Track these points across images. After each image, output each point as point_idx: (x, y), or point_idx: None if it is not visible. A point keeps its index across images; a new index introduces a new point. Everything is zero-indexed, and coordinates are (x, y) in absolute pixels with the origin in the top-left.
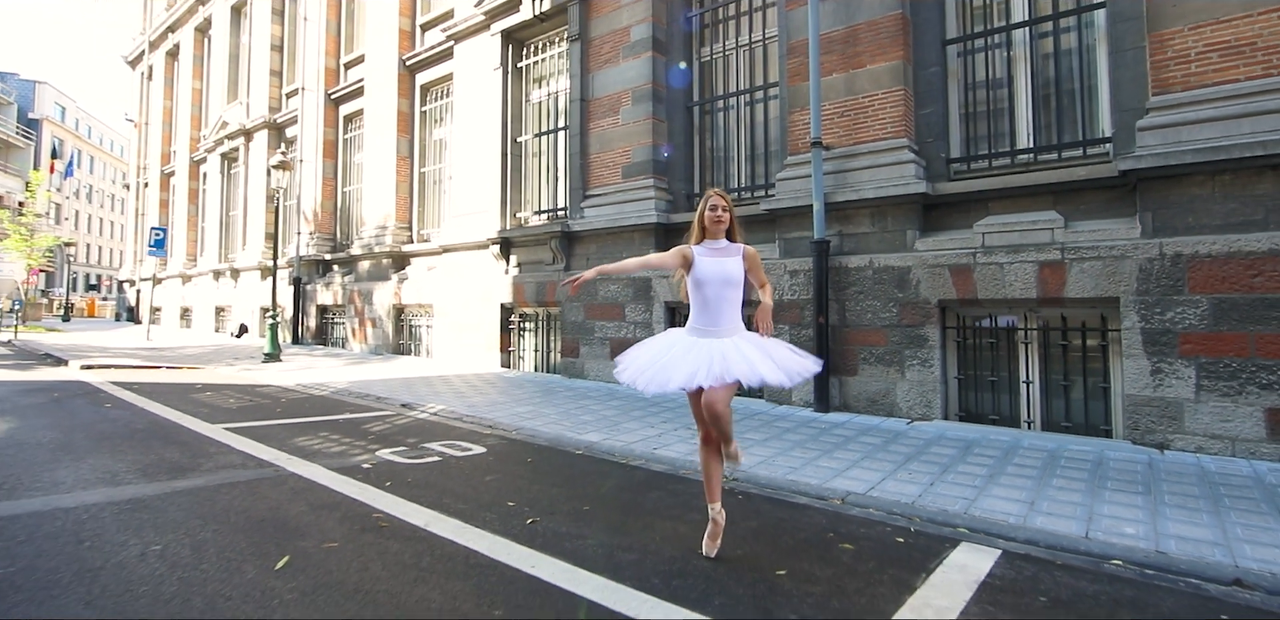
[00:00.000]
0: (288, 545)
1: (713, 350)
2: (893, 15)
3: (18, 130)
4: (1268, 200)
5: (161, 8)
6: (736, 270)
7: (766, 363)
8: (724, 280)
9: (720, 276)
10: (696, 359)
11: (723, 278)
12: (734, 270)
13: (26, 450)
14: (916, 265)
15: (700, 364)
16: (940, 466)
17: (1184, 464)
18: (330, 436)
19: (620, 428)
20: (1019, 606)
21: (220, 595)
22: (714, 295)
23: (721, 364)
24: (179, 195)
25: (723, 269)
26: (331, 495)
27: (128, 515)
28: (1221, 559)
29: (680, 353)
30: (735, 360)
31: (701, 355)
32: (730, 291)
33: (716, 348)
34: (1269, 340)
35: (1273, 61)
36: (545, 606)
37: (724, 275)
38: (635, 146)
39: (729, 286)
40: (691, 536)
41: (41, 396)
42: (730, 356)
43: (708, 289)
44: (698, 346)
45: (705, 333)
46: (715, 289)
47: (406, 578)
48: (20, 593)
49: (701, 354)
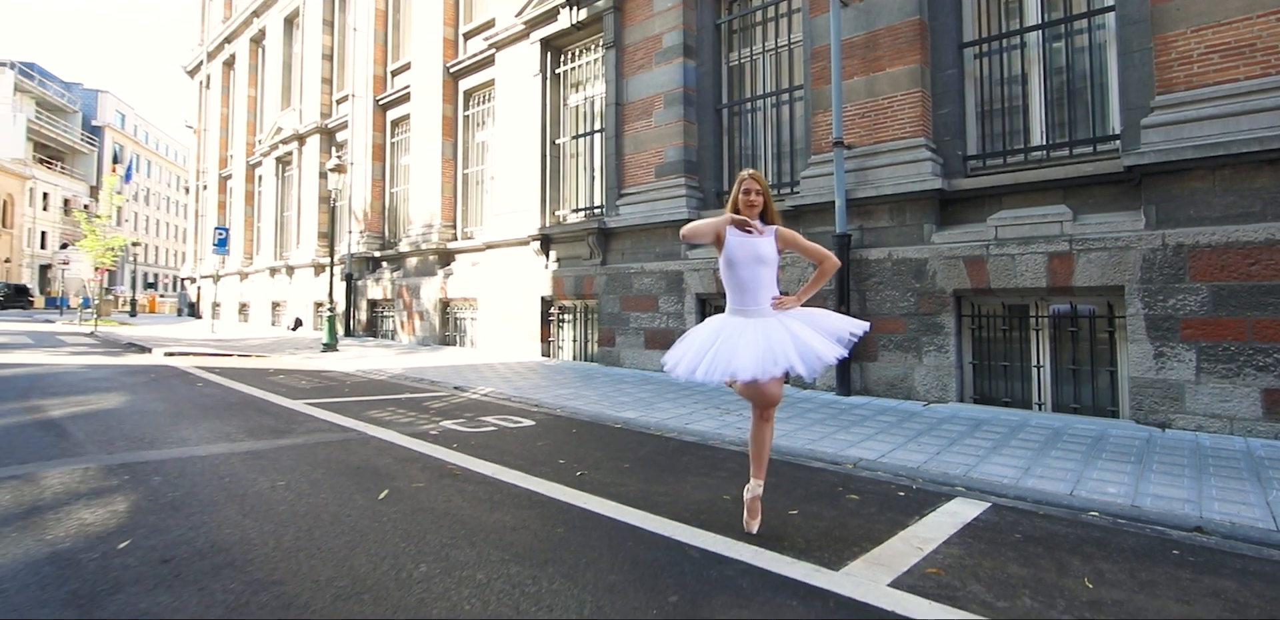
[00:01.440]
0: (383, 484)
1: (770, 339)
2: (911, 21)
3: (82, 137)
4: (1264, 193)
5: (218, 20)
6: (768, 249)
7: (821, 343)
8: (756, 259)
9: (752, 256)
10: (756, 347)
11: (754, 257)
12: (766, 250)
13: (149, 417)
14: (933, 257)
15: (762, 355)
16: (948, 440)
17: (1181, 440)
18: (397, 411)
19: (654, 407)
20: (994, 540)
21: (341, 513)
22: (748, 275)
23: (785, 357)
24: (236, 197)
25: (754, 249)
26: (409, 452)
27: (249, 461)
28: (1189, 512)
29: (734, 338)
30: (793, 351)
31: (759, 343)
32: (764, 270)
33: (772, 335)
34: (1265, 325)
35: (1270, 61)
36: (596, 527)
37: (755, 255)
38: (668, 147)
39: (762, 265)
40: (717, 486)
41: (142, 377)
42: (787, 347)
43: (740, 269)
44: (748, 330)
45: (745, 313)
46: (749, 269)
47: (483, 507)
48: (192, 507)
49: (759, 341)
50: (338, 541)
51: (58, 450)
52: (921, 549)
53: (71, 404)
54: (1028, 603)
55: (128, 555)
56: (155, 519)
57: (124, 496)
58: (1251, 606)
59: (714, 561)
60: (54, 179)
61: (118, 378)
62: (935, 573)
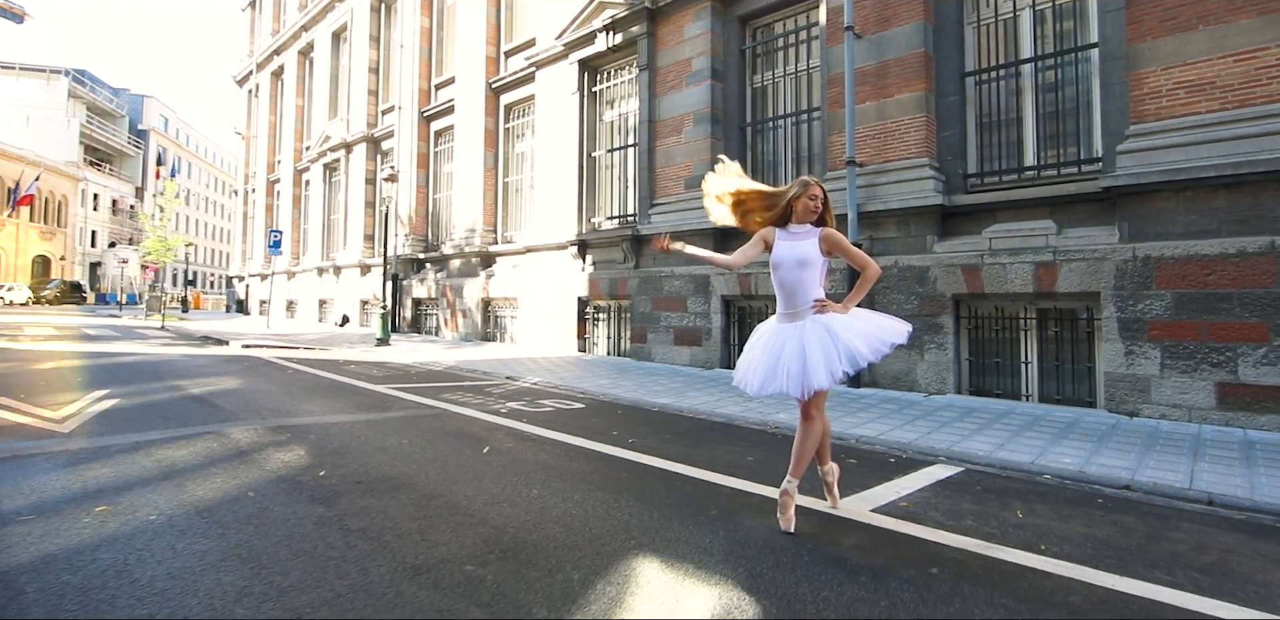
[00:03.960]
0: (482, 444)
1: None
2: (917, 52)
3: (129, 140)
4: (1220, 213)
5: (267, 33)
6: (811, 251)
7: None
8: (798, 261)
9: (794, 258)
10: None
11: (797, 259)
12: (809, 251)
13: (270, 395)
14: (934, 265)
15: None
16: (940, 423)
17: (1144, 426)
18: (465, 395)
19: (685, 396)
20: (958, 489)
21: (461, 460)
22: (790, 277)
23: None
24: (283, 200)
25: (797, 251)
26: (490, 423)
27: (370, 427)
28: (1124, 475)
29: (766, 350)
30: (818, 366)
31: (792, 354)
32: (806, 272)
33: (799, 347)
34: (1219, 327)
35: (1227, 98)
36: (652, 473)
37: (798, 257)
38: (696, 162)
39: (804, 267)
40: (742, 452)
41: (239, 365)
42: (813, 361)
43: (783, 271)
44: (782, 340)
45: (787, 317)
46: (791, 272)
47: (563, 459)
48: (351, 454)
49: (791, 352)
50: (468, 476)
51: (221, 416)
52: (899, 492)
53: (201, 385)
54: (969, 522)
55: (330, 479)
56: (331, 460)
57: (297, 446)
58: (1137, 531)
59: (740, 494)
60: (103, 180)
61: (219, 365)
62: (906, 505)
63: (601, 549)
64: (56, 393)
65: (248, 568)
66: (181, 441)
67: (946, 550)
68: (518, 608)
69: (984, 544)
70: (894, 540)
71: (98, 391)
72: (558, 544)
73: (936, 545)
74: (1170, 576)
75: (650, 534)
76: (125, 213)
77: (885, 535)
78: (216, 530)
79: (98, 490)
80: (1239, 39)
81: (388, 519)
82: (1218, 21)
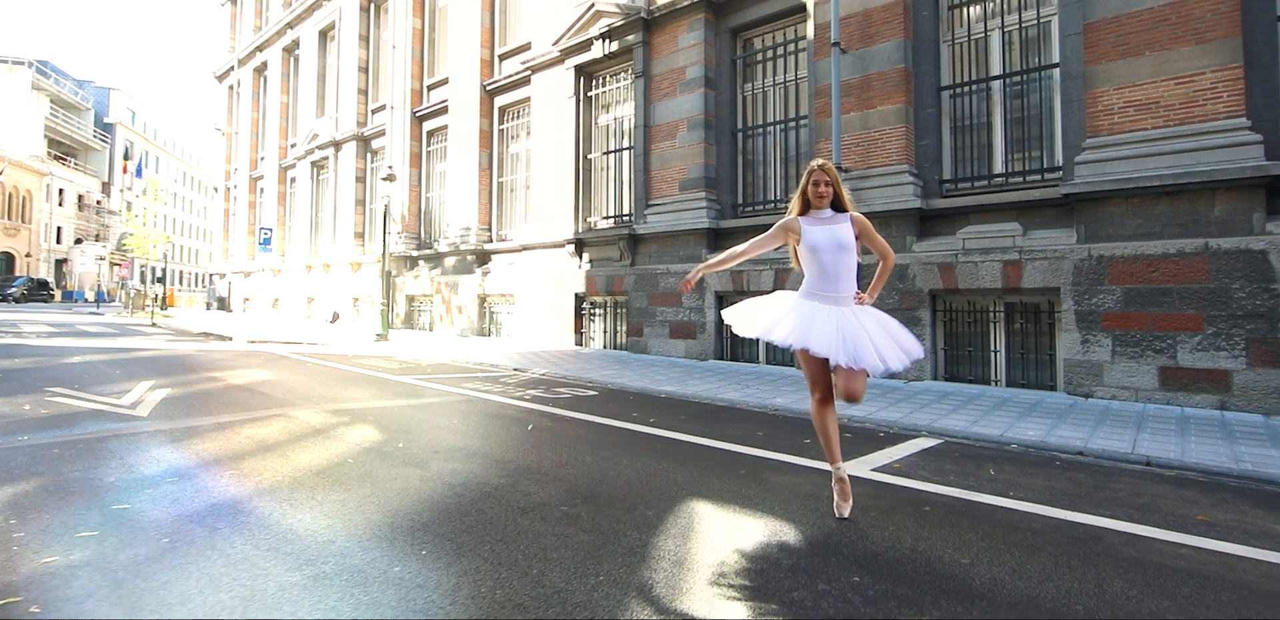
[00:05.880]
0: (522, 423)
1: (844, 327)
2: (898, 68)
3: (95, 134)
4: (1163, 218)
5: (249, 29)
6: (847, 235)
7: (891, 349)
8: (838, 246)
9: (833, 242)
10: (830, 329)
11: (836, 243)
12: (845, 236)
13: (305, 384)
14: (913, 263)
15: (835, 338)
16: (920, 405)
17: (1097, 405)
18: (484, 384)
19: (687, 384)
20: (940, 456)
21: (511, 435)
22: (830, 261)
23: (853, 348)
24: (267, 197)
25: (834, 235)
26: (521, 407)
27: (417, 411)
28: (1078, 444)
29: (809, 315)
30: (865, 348)
31: (834, 327)
32: (846, 256)
33: (847, 324)
34: (1161, 318)
35: (1169, 116)
36: (680, 445)
37: (836, 241)
38: (690, 165)
39: (844, 251)
40: (751, 429)
41: (256, 359)
42: (861, 341)
43: (824, 255)
44: (824, 314)
45: (825, 298)
46: (831, 255)
47: (600, 434)
48: (414, 431)
49: (834, 325)
50: (525, 446)
51: (277, 402)
52: (892, 457)
53: (236, 376)
54: (951, 478)
55: (410, 449)
56: (400, 435)
57: (363, 425)
58: (1087, 483)
59: (760, 459)
60: (69, 175)
61: (239, 359)
62: (899, 467)
63: (661, 496)
64: (104, 384)
65: (385, 511)
66: (258, 422)
67: (935, 496)
68: (614, 533)
69: (964, 491)
70: (893, 490)
71: (143, 382)
72: (625, 493)
73: (927, 493)
74: (1110, 512)
75: (696, 486)
76: (92, 208)
77: (885, 486)
78: (340, 486)
79: (214, 460)
80: (1180, 64)
81: (477, 477)
82: (1162, 48)
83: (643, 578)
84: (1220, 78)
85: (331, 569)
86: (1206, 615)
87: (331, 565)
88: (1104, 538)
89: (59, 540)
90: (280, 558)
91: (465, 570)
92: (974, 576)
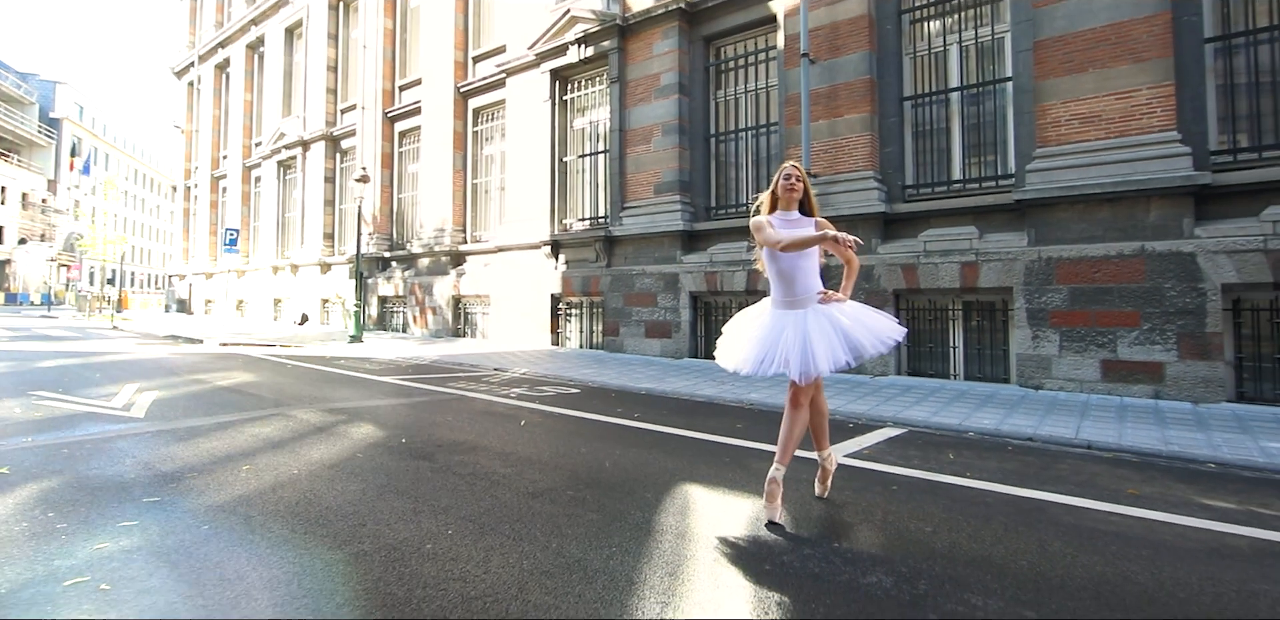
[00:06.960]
0: (514, 419)
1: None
2: (864, 78)
3: (40, 129)
4: (1104, 223)
5: (210, 24)
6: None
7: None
8: (798, 250)
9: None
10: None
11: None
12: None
13: (293, 386)
14: (879, 264)
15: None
16: (885, 398)
17: (1045, 396)
18: (468, 383)
19: (665, 381)
20: (905, 443)
21: (507, 431)
22: (789, 266)
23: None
24: (231, 197)
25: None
26: (510, 405)
27: (410, 409)
28: (1029, 431)
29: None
30: (820, 352)
31: (792, 340)
32: (804, 260)
33: (801, 333)
34: (1103, 315)
35: (1110, 129)
36: (668, 437)
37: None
38: (664, 169)
39: (803, 256)
40: (729, 422)
41: (233, 361)
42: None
43: (782, 260)
44: (782, 325)
45: (786, 305)
46: (789, 259)
47: (591, 428)
48: (413, 427)
49: (791, 337)
50: (522, 440)
51: (268, 403)
52: (861, 445)
53: (221, 378)
54: (915, 462)
55: (413, 444)
56: (401, 431)
57: (361, 422)
58: (1035, 464)
59: (742, 448)
60: (12, 172)
61: (217, 361)
62: (868, 453)
63: (658, 481)
64: (88, 387)
65: (405, 498)
66: (258, 422)
67: (901, 477)
68: (619, 512)
69: (927, 473)
70: (864, 473)
71: (128, 385)
72: (624, 479)
73: (894, 475)
74: (1054, 488)
75: (687, 473)
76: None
77: (857, 470)
78: (357, 477)
79: (226, 456)
80: (1120, 81)
81: (483, 467)
82: (1104, 66)
83: (651, 547)
84: (1155, 94)
85: (369, 547)
86: (1129, 568)
87: (369, 544)
88: (1048, 509)
89: (103, 529)
90: (318, 539)
91: (491, 546)
92: (936, 541)
